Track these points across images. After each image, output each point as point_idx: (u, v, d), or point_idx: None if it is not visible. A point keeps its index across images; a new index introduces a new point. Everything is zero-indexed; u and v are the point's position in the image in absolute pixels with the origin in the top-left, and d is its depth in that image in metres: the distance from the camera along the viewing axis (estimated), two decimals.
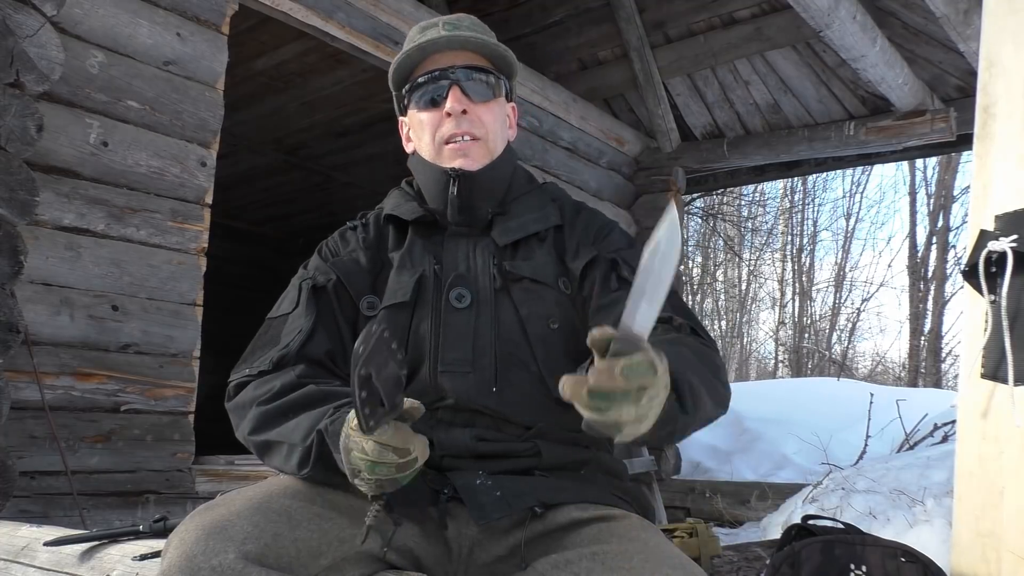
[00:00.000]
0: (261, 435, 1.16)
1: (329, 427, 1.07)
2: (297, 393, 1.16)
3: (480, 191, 1.32)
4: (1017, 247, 1.42)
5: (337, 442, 1.03)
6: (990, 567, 1.42)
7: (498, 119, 1.36)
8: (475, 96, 1.32)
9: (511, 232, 1.31)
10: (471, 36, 1.32)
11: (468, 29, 1.34)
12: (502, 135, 1.38)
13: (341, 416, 1.06)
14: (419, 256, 1.30)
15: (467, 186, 1.30)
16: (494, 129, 1.34)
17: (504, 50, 1.35)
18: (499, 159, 1.36)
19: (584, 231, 1.35)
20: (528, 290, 1.26)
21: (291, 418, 1.14)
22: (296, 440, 1.11)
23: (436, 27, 1.34)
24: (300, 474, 1.11)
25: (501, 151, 1.37)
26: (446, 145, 1.32)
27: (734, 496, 5.35)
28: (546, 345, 1.23)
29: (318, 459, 1.08)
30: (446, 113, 1.31)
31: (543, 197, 1.40)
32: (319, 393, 1.16)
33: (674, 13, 5.27)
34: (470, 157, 1.31)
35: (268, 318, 1.32)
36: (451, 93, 1.30)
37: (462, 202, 1.31)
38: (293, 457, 1.12)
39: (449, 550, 1.14)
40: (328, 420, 1.08)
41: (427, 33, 1.34)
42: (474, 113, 1.32)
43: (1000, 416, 1.45)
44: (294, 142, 5.99)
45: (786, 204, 15.88)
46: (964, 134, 4.84)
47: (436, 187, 1.33)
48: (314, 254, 1.38)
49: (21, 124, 2.32)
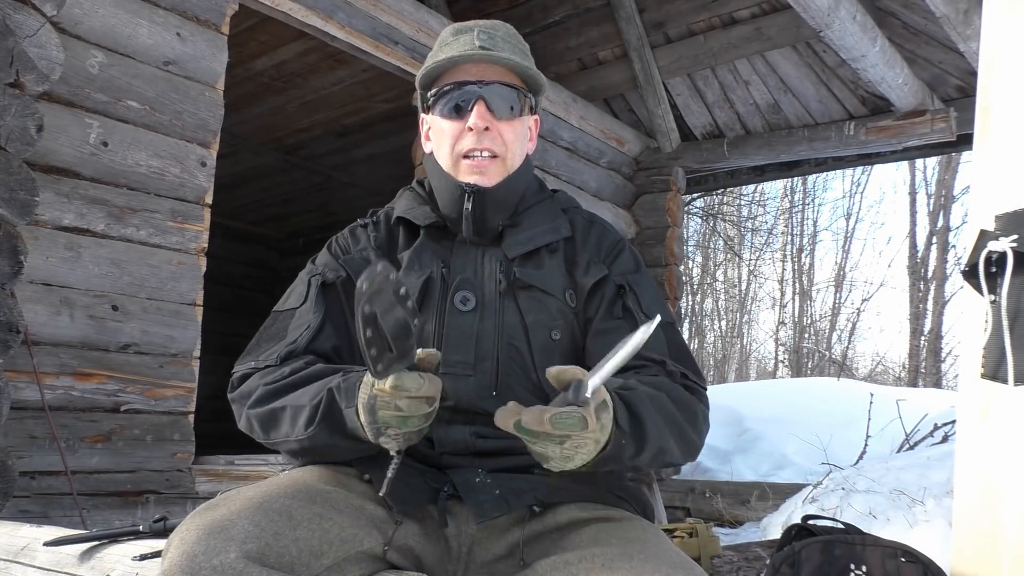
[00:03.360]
0: (267, 405, 1.16)
1: (342, 384, 1.07)
2: (307, 371, 1.17)
3: (493, 206, 1.31)
4: (1017, 247, 1.42)
5: (353, 397, 1.03)
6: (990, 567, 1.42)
7: (519, 136, 1.35)
8: (499, 113, 1.30)
9: (521, 244, 1.31)
10: (505, 57, 1.30)
11: (503, 41, 1.33)
12: (521, 151, 1.36)
13: (355, 377, 1.06)
14: (428, 259, 1.30)
15: (480, 202, 1.30)
16: (514, 147, 1.33)
17: (535, 72, 1.33)
18: (515, 174, 1.35)
19: (596, 247, 1.35)
20: (534, 298, 1.27)
21: (300, 388, 1.14)
22: (304, 402, 1.11)
23: (471, 33, 1.32)
24: (305, 434, 1.11)
25: (518, 166, 1.36)
26: (464, 159, 1.31)
27: (734, 496, 5.35)
28: (547, 354, 1.24)
29: (324, 418, 1.08)
30: (468, 127, 1.29)
31: (554, 208, 1.39)
32: (328, 368, 1.16)
33: (674, 13, 5.27)
34: (486, 175, 1.30)
35: (275, 311, 1.32)
36: (476, 108, 1.29)
37: (475, 217, 1.30)
38: (299, 419, 1.11)
39: (449, 548, 1.14)
40: (340, 378, 1.08)
41: (461, 39, 1.32)
42: (496, 130, 1.30)
43: (1000, 416, 1.45)
44: (294, 142, 6.00)
45: (786, 204, 15.89)
46: (964, 134, 4.84)
47: (450, 197, 1.32)
48: (323, 249, 1.38)
49: (21, 124, 2.32)
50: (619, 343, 0.94)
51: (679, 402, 1.16)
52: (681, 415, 1.15)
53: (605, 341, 1.24)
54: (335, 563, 1.03)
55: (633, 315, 1.26)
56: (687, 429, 1.16)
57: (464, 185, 1.30)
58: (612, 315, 1.28)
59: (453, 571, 1.14)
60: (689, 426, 1.16)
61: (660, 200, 5.65)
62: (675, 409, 1.14)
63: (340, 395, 1.07)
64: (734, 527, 5.08)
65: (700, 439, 1.19)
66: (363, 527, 1.07)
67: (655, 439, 1.09)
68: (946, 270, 13.65)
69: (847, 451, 5.89)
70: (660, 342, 1.24)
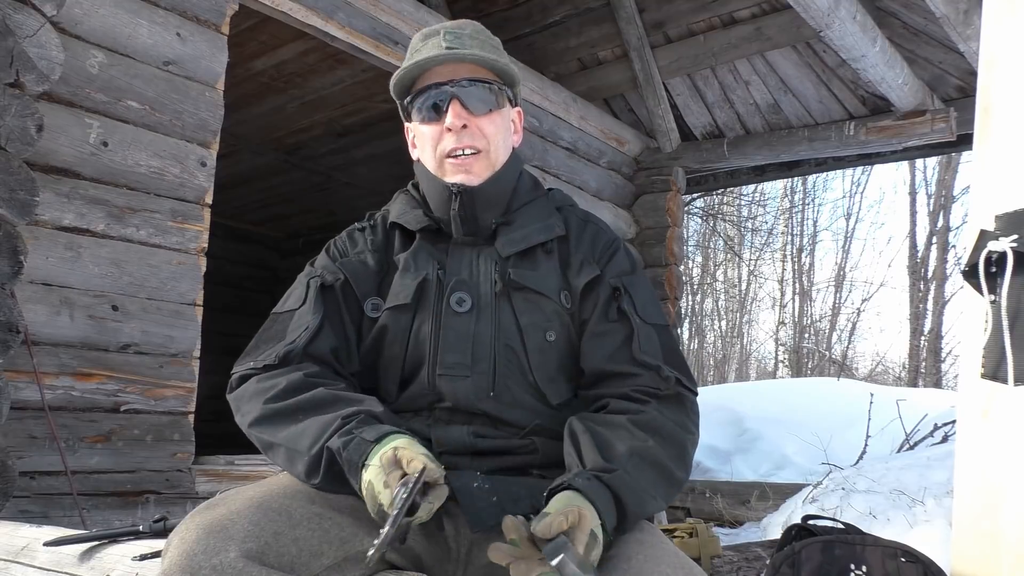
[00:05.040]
0: (265, 434, 1.16)
1: (343, 452, 1.07)
2: (305, 395, 1.16)
3: (483, 204, 1.32)
4: (1017, 247, 1.42)
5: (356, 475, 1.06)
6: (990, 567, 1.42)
7: (500, 129, 1.35)
8: (475, 109, 1.31)
9: (515, 243, 1.31)
10: (470, 54, 1.30)
11: (470, 38, 1.33)
12: (505, 144, 1.37)
13: (355, 439, 1.07)
14: (424, 261, 1.31)
15: (469, 201, 1.30)
16: (496, 141, 1.33)
17: (505, 64, 1.34)
18: (503, 169, 1.35)
19: (590, 247, 1.35)
20: (529, 300, 1.27)
21: (299, 420, 1.14)
22: (302, 448, 1.11)
23: (437, 36, 1.33)
24: (308, 483, 1.12)
25: (505, 160, 1.36)
26: (448, 159, 1.32)
27: (734, 496, 5.35)
28: (542, 355, 1.24)
29: (328, 473, 1.10)
30: (447, 128, 1.30)
31: (548, 206, 1.39)
32: (328, 396, 1.16)
33: (674, 13, 5.27)
34: (472, 172, 1.31)
35: (274, 312, 1.32)
36: (451, 107, 1.29)
37: (465, 216, 1.31)
38: (298, 464, 1.12)
39: (448, 549, 1.14)
40: (340, 440, 1.08)
41: (429, 43, 1.33)
42: (475, 126, 1.31)
43: (1000, 416, 1.45)
44: (294, 142, 5.99)
45: (786, 204, 15.89)
46: (964, 134, 4.84)
47: (439, 199, 1.33)
48: (322, 252, 1.38)
49: (21, 124, 2.32)
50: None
51: (668, 441, 1.15)
52: (668, 458, 1.14)
53: (601, 344, 1.25)
54: (335, 563, 1.03)
55: (628, 318, 1.26)
56: (674, 472, 1.15)
57: (451, 186, 1.30)
58: (607, 318, 1.27)
59: (452, 571, 1.14)
60: (676, 465, 1.16)
61: (660, 200, 5.65)
62: (663, 456, 1.13)
63: (344, 464, 1.08)
64: (734, 527, 5.08)
65: (687, 474, 1.19)
66: (362, 527, 1.08)
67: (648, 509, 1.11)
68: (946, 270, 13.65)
69: (847, 451, 5.90)
70: (655, 346, 1.24)
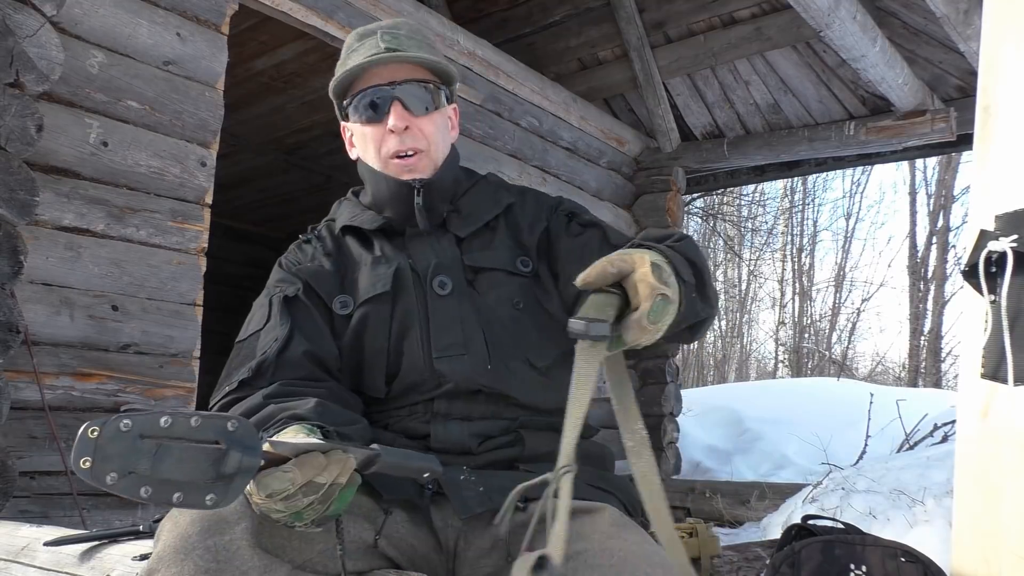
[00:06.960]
0: None
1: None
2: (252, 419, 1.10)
3: (440, 193, 1.36)
4: (1017, 247, 1.42)
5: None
6: (990, 567, 1.42)
7: (440, 128, 1.38)
8: (416, 111, 1.34)
9: (470, 223, 1.36)
10: (412, 55, 1.33)
11: (407, 39, 1.36)
12: (444, 142, 1.40)
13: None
14: (391, 254, 1.34)
15: (429, 192, 1.34)
16: (436, 140, 1.37)
17: (444, 65, 1.37)
18: (446, 163, 1.39)
19: (536, 207, 1.41)
20: (491, 279, 1.31)
21: None
22: None
23: (374, 36, 1.36)
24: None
25: (446, 154, 1.40)
26: (392, 160, 1.35)
27: (734, 496, 5.35)
28: (518, 323, 1.29)
29: None
30: (389, 129, 1.33)
31: (488, 187, 1.45)
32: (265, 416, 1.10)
33: (674, 13, 5.27)
34: (417, 171, 1.34)
35: (238, 342, 1.28)
36: (393, 109, 1.32)
37: (428, 208, 1.34)
38: None
39: (438, 541, 1.16)
40: None
41: (366, 43, 1.36)
42: (415, 127, 1.34)
43: (1000, 416, 1.45)
44: (294, 142, 5.99)
45: (786, 204, 15.89)
46: (964, 134, 4.84)
47: (396, 195, 1.35)
48: (273, 271, 1.38)
49: (21, 124, 2.32)
50: None
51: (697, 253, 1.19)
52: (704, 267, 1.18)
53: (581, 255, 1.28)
54: (328, 548, 1.04)
55: (595, 224, 1.35)
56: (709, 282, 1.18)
57: (412, 182, 1.34)
58: (572, 235, 1.35)
59: (444, 562, 1.16)
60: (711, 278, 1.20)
61: (660, 200, 5.65)
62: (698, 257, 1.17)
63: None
64: (734, 527, 5.08)
65: (717, 297, 1.24)
66: (354, 516, 1.09)
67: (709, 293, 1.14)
68: (946, 270, 13.65)
69: (847, 451, 5.90)
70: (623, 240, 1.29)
